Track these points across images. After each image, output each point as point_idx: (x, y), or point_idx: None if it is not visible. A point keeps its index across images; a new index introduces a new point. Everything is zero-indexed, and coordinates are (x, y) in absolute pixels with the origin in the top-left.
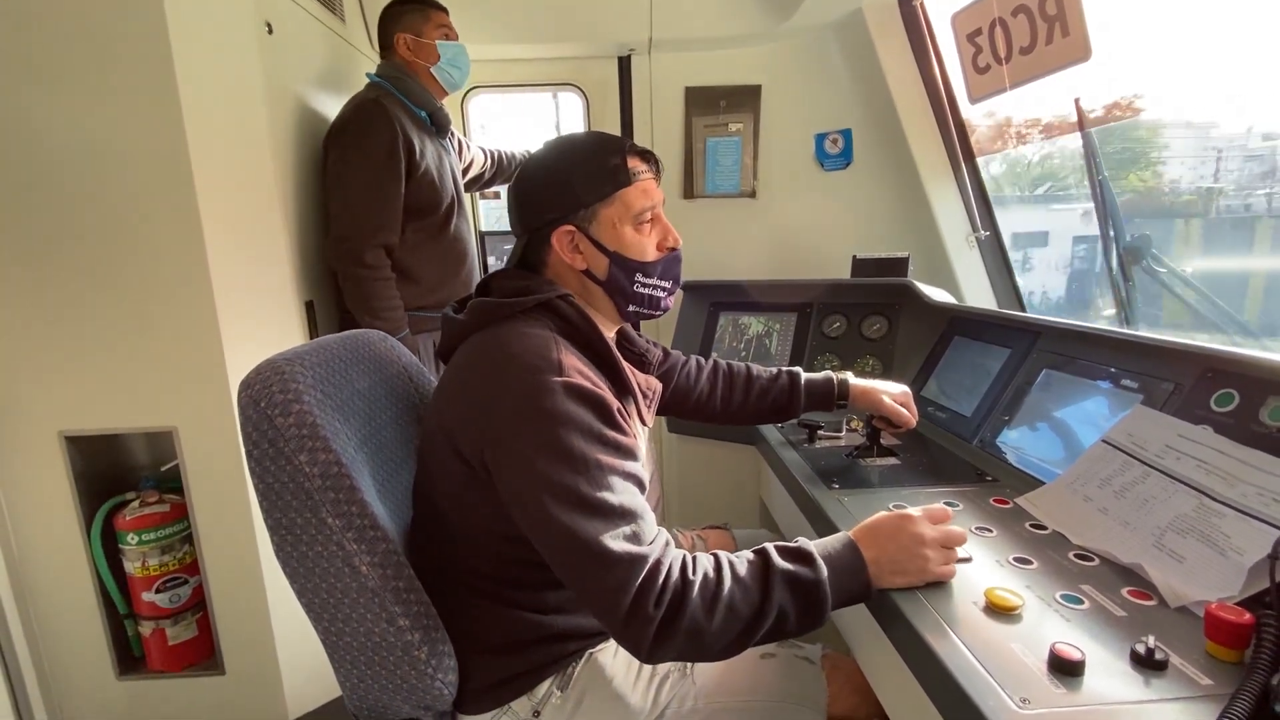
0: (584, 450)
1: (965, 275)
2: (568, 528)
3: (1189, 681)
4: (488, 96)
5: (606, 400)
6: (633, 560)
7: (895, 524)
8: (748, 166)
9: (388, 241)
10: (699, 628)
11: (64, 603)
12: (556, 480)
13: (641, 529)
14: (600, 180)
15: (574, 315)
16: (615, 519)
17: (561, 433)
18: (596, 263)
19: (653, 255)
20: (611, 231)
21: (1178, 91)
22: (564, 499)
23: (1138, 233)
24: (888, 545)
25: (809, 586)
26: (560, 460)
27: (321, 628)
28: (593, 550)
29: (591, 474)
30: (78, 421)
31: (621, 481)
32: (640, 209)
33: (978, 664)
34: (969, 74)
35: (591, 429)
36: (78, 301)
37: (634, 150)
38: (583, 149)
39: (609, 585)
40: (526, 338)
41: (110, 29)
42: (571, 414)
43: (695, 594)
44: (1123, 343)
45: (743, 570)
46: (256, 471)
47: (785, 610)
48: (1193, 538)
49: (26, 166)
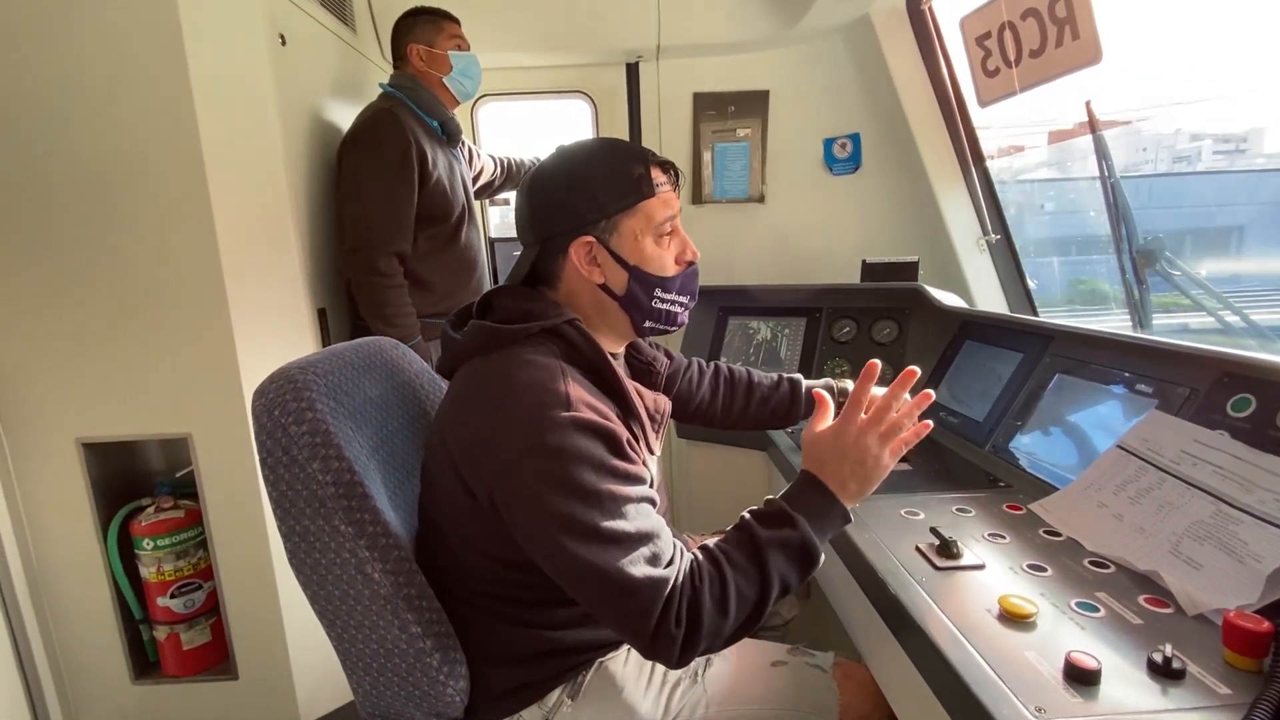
0: (595, 484)
1: (976, 279)
2: (586, 560)
3: (1207, 690)
4: (508, 104)
5: (615, 432)
6: (654, 584)
7: (832, 441)
8: (756, 171)
9: (401, 249)
10: (717, 627)
11: (81, 607)
12: (569, 515)
13: (660, 548)
14: (624, 190)
15: (581, 342)
16: (632, 544)
17: (572, 469)
18: (615, 277)
19: (672, 270)
20: (632, 244)
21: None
22: (579, 534)
23: (1150, 235)
24: (841, 464)
25: (797, 545)
26: (572, 496)
27: (334, 634)
28: (612, 579)
29: (605, 506)
30: (95, 429)
31: (635, 507)
32: (662, 220)
33: (992, 672)
34: (978, 77)
35: (602, 463)
36: (95, 312)
37: (655, 160)
38: (605, 157)
39: (634, 610)
40: (531, 367)
41: (126, 41)
42: (580, 449)
43: (707, 599)
44: (1137, 347)
45: (736, 556)
46: (270, 479)
47: (786, 576)
48: (1210, 544)
49: (43, 178)
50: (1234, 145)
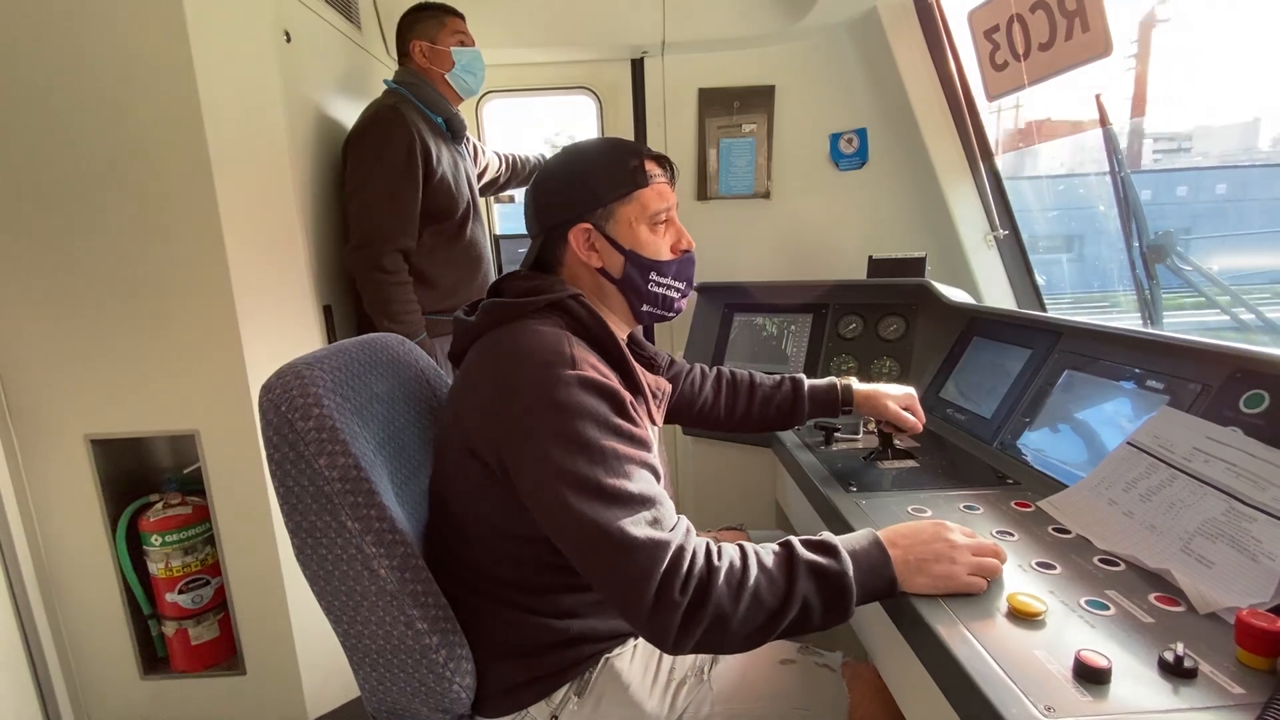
0: (599, 440)
1: (984, 275)
2: (588, 517)
3: (1219, 690)
4: (513, 101)
5: (619, 392)
6: (656, 545)
7: (927, 528)
8: (761, 167)
9: (405, 246)
10: (724, 614)
11: (90, 603)
12: (573, 471)
13: (662, 515)
14: (618, 180)
15: (585, 315)
16: (635, 505)
17: (576, 424)
18: (612, 261)
19: (667, 255)
20: (628, 230)
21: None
22: (582, 489)
23: (1160, 229)
24: (916, 546)
25: (834, 578)
26: (576, 451)
27: (340, 629)
28: (613, 538)
29: (609, 463)
30: (103, 425)
31: (638, 470)
32: (656, 210)
33: (1001, 671)
34: (986, 71)
35: (606, 420)
36: (102, 309)
37: (650, 155)
38: (601, 151)
39: (632, 573)
40: (539, 334)
41: (132, 39)
42: (585, 405)
43: (721, 580)
44: (1148, 343)
45: (768, 560)
46: (277, 474)
47: (810, 602)
48: (1222, 542)
49: (50, 176)
50: (1176, 145)
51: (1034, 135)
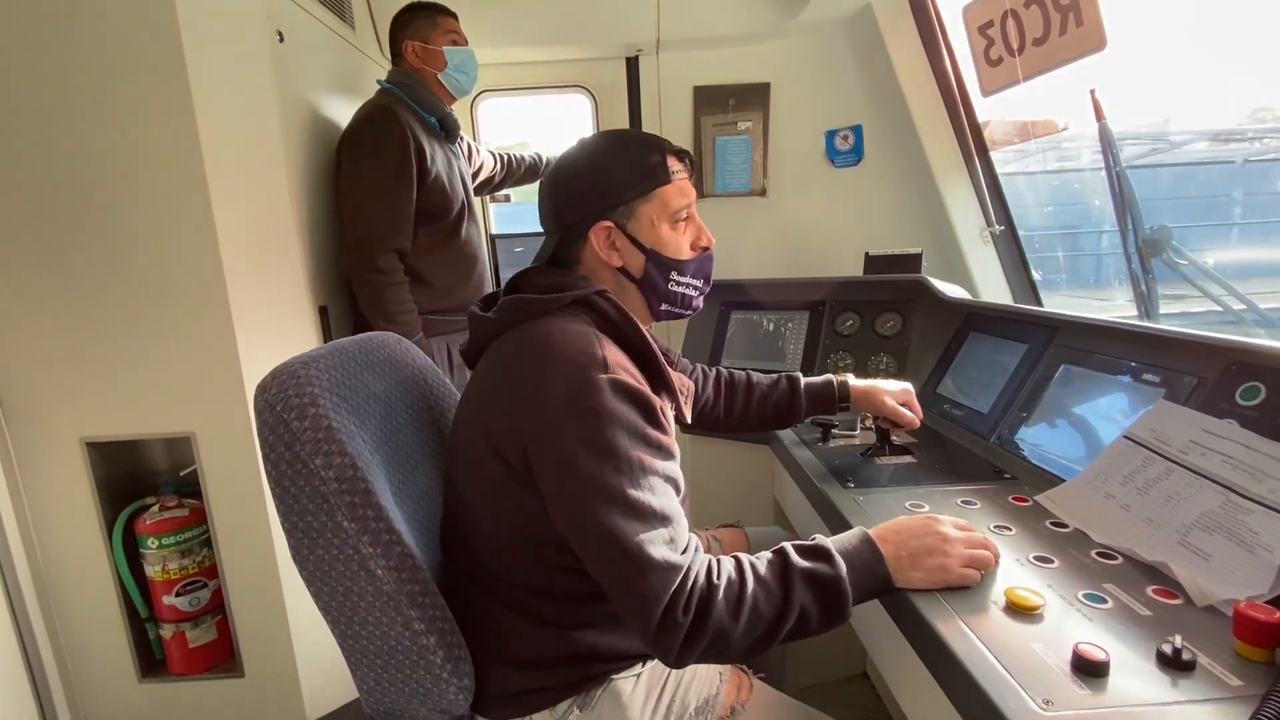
0: (628, 450)
1: (980, 270)
2: (608, 527)
3: (1218, 682)
4: (508, 100)
5: (651, 399)
6: (669, 568)
7: (918, 522)
8: (757, 165)
9: (400, 246)
10: (724, 630)
11: (87, 606)
12: (600, 479)
13: (677, 534)
14: (642, 177)
15: (612, 312)
16: (655, 522)
17: (607, 431)
18: (633, 260)
19: (687, 254)
20: (649, 229)
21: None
22: (606, 498)
23: (1156, 224)
24: (908, 541)
25: (829, 583)
26: (604, 458)
27: (338, 631)
28: (631, 554)
29: (634, 474)
30: (99, 428)
31: (662, 484)
32: (678, 207)
33: (999, 665)
34: (981, 67)
35: (636, 428)
36: (97, 311)
37: (671, 149)
38: (624, 146)
39: (643, 591)
40: (568, 333)
41: (125, 39)
42: (617, 412)
43: (720, 598)
44: (1144, 336)
45: (763, 570)
46: (273, 475)
47: (807, 609)
48: (1219, 535)
49: (43, 177)
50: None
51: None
